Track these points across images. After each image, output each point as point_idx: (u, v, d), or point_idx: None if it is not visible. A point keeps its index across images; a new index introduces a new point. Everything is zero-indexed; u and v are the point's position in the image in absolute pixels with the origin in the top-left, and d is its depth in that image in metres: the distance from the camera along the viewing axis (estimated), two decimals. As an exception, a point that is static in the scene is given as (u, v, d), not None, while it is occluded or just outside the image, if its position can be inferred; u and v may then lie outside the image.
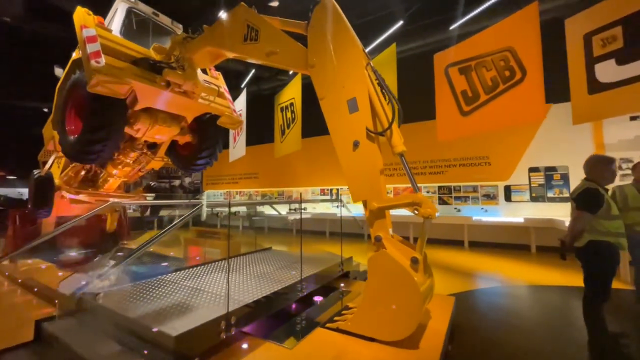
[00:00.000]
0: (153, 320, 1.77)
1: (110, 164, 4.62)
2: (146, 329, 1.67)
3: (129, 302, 2.11)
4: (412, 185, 2.11)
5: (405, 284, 1.82)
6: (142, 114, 3.84)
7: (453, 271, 5.27)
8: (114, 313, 1.90)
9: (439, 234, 8.03)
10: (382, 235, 2.06)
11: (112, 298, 2.23)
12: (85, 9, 3.27)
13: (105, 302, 2.09)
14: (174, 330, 1.64)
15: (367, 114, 2.23)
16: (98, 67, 2.90)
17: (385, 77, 5.52)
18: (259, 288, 2.41)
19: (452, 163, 8.03)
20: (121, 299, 2.20)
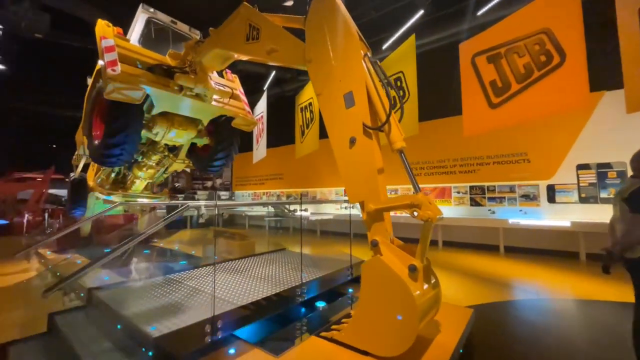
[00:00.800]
0: (144, 320, 1.80)
1: (135, 167, 4.94)
2: (134, 328, 1.70)
3: (128, 299, 2.18)
4: (413, 185, 1.92)
5: (400, 295, 1.65)
6: (160, 118, 4.03)
7: (484, 279, 4.83)
8: (110, 310, 1.98)
9: (471, 238, 7.47)
10: (378, 240, 1.91)
11: (114, 294, 2.33)
12: (105, 21, 3.50)
13: (106, 298, 2.19)
14: (158, 331, 1.64)
15: (363, 108, 2.08)
16: (114, 75, 3.08)
17: (405, 71, 5.26)
18: (256, 291, 2.37)
19: (484, 161, 7.42)
20: (123, 296, 2.29)
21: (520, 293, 4.27)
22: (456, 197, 7.79)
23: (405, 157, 2.01)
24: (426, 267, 1.85)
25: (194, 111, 4.11)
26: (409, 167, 1.97)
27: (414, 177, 1.96)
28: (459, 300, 3.80)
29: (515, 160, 6.99)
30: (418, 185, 1.91)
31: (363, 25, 7.94)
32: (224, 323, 1.86)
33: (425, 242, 1.79)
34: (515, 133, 6.87)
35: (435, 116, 8.19)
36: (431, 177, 8.26)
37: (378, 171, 2.07)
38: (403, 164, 1.99)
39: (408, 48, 5.12)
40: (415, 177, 1.96)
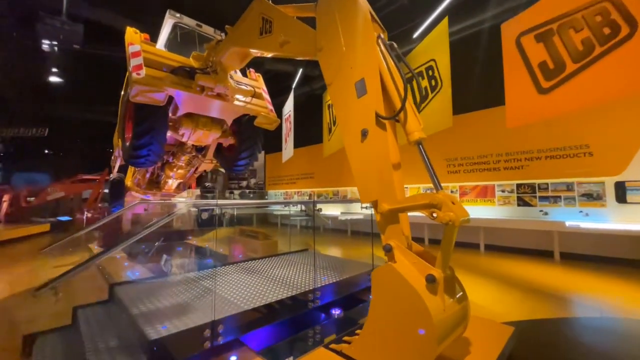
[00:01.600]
0: (147, 319, 1.80)
1: (167, 167, 5.20)
2: (136, 328, 1.70)
3: (142, 297, 2.23)
4: (433, 183, 1.67)
5: (415, 310, 1.42)
6: (185, 119, 4.16)
7: (533, 290, 4.25)
8: (123, 306, 2.02)
9: (518, 242, 6.70)
10: (392, 245, 1.69)
11: (132, 290, 2.40)
12: (133, 29, 3.69)
13: (122, 294, 2.26)
14: (156, 332, 1.62)
15: (376, 96, 1.86)
16: (138, 79, 3.22)
17: (437, 59, 4.84)
18: (266, 294, 2.28)
19: (535, 155, 6.59)
20: (138, 293, 2.34)
21: (578, 309, 3.67)
22: (500, 196, 7.05)
23: (424, 150, 1.76)
24: (449, 277, 1.59)
25: (216, 111, 4.18)
26: (429, 161, 1.72)
27: (434, 173, 1.70)
28: (500, 314, 3.36)
29: (573, 154, 6.11)
30: (440, 183, 1.65)
31: (393, 12, 7.55)
32: (227, 328, 1.79)
33: (448, 249, 1.53)
34: (573, 122, 6.00)
35: (475, 108, 7.50)
36: (471, 174, 7.59)
37: (393, 167, 1.84)
38: (422, 158, 1.74)
39: (440, 33, 4.70)
40: (436, 174, 1.70)
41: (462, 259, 6.31)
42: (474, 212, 7.38)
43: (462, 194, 7.73)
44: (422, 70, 5.06)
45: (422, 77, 5.03)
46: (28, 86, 9.11)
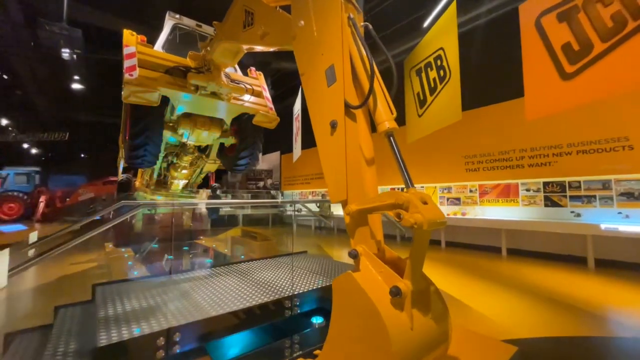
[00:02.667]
0: (108, 324, 1.74)
1: (172, 168, 5.28)
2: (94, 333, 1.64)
3: (117, 298, 2.19)
4: (403, 179, 1.46)
5: (372, 326, 1.22)
6: (184, 120, 4.17)
7: (562, 302, 3.80)
8: (95, 307, 2.00)
9: (545, 246, 6.11)
10: (359, 250, 1.49)
11: (111, 291, 2.38)
12: (129, 31, 3.73)
13: (101, 294, 2.25)
14: (107, 339, 1.54)
15: (345, 83, 1.67)
16: (130, 79, 3.24)
17: (445, 47, 4.49)
18: (241, 299, 2.15)
19: (564, 150, 5.97)
20: (116, 294, 2.32)
21: (614, 327, 3.21)
22: (525, 195, 6.47)
23: (395, 143, 1.54)
24: (422, 290, 1.37)
25: (213, 110, 4.15)
26: (400, 155, 1.50)
27: (406, 168, 1.48)
28: (520, 329, 3.01)
29: (610, 148, 5.45)
30: (411, 180, 1.43)
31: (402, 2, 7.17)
32: (185, 335, 1.68)
33: (418, 256, 1.31)
34: (609, 111, 5.35)
35: (495, 100, 6.97)
36: (492, 172, 7.05)
37: (365, 162, 1.64)
38: (392, 151, 1.53)
39: (448, 19, 4.35)
40: (407, 168, 1.48)
41: (480, 263, 5.86)
42: (495, 212, 6.85)
43: (481, 193, 7.20)
44: (431, 60, 4.72)
45: (431, 68, 4.69)
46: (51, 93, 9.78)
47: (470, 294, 4.04)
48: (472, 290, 4.23)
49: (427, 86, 4.81)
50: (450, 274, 5.14)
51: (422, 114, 5.01)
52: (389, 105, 1.60)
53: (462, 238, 7.45)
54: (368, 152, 1.68)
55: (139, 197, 5.80)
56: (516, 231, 6.31)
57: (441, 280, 4.59)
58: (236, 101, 4.11)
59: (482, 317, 3.30)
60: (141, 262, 4.71)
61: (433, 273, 5.47)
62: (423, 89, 4.96)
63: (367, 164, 1.66)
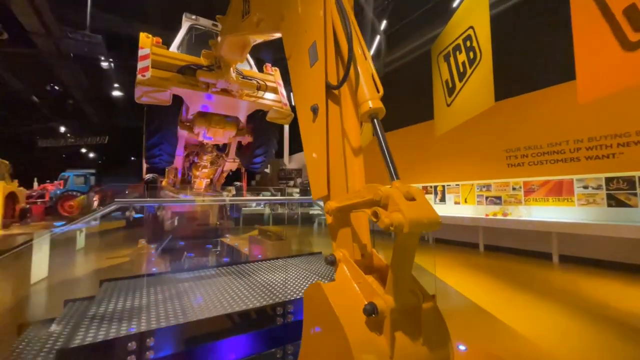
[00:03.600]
0: (90, 324, 1.72)
1: (194, 167, 5.43)
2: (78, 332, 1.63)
3: (116, 296, 2.20)
4: (388, 170, 1.20)
5: (339, 350, 1.00)
6: (199, 119, 4.23)
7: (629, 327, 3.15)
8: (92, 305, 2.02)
9: (609, 253, 5.21)
10: (337, 256, 1.27)
11: (113, 288, 2.41)
12: (145, 33, 3.85)
13: (104, 291, 2.29)
14: (81, 340, 1.50)
15: (327, 62, 1.45)
16: (142, 80, 3.32)
17: (476, 26, 4.00)
18: (231, 303, 2.03)
19: (633, 139, 5.02)
20: (117, 291, 2.34)
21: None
22: (582, 193, 5.59)
23: (380, 127, 1.27)
24: (410, 309, 1.10)
25: (226, 108, 4.14)
26: (385, 143, 1.24)
27: (391, 158, 1.22)
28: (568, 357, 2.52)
29: (696, 135, 4.46)
30: (396, 172, 1.18)
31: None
32: (161, 341, 1.58)
33: (401, 266, 1.05)
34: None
35: (543, 84, 6.13)
36: (539, 167, 6.22)
37: (351, 152, 1.41)
38: (377, 137, 1.27)
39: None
40: (393, 159, 1.22)
41: (525, 272, 5.17)
42: (544, 213, 6.03)
43: (527, 191, 6.39)
44: (460, 42, 4.24)
45: (460, 51, 4.21)
46: (94, 100, 10.74)
47: (510, 310, 3.51)
48: (512, 305, 3.69)
49: (456, 71, 4.34)
50: (488, 283, 4.59)
51: (451, 103, 4.54)
52: (375, 82, 1.34)
53: (504, 241, 6.70)
54: (354, 140, 1.45)
55: (166, 197, 6.07)
56: (571, 235, 5.48)
57: (476, 291, 4.10)
58: (249, 98, 4.06)
59: (523, 340, 2.81)
60: (163, 258, 4.89)
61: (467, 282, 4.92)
62: (452, 76, 4.49)
63: (353, 153, 1.43)
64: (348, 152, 1.42)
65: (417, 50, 8.98)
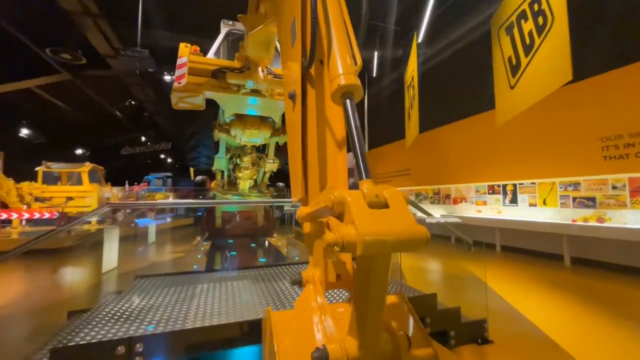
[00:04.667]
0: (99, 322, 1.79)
1: (237, 169, 5.65)
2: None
3: (139, 293, 2.32)
4: (357, 168, 0.91)
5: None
6: (235, 121, 4.34)
7: None
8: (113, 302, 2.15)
9: None
10: (305, 276, 1.02)
11: (143, 285, 2.56)
12: (184, 43, 4.09)
13: (132, 288, 2.45)
14: (82, 339, 1.56)
15: (304, 39, 1.20)
16: (177, 87, 3.52)
17: None
18: (234, 312, 1.93)
19: None
20: (144, 288, 2.47)
21: None
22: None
23: (352, 110, 0.96)
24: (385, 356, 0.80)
25: (259, 108, 4.16)
26: (356, 128, 0.94)
27: (362, 150, 0.92)
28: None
29: None
30: (367, 169, 0.88)
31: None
32: (150, 347, 1.55)
33: (365, 300, 0.76)
34: None
35: None
36: (622, 162, 4.79)
37: (335, 145, 1.14)
38: (346, 120, 0.97)
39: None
40: (364, 152, 0.92)
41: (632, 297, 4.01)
42: None
43: (634, 191, 4.98)
44: (525, 8, 3.45)
45: (525, 19, 3.43)
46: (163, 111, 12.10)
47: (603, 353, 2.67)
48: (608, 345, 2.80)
49: (521, 45, 3.56)
50: (572, 309, 3.62)
51: (516, 84, 3.76)
52: (353, 54, 1.04)
53: (599, 254, 5.37)
54: (338, 131, 1.17)
55: (217, 197, 6.48)
56: None
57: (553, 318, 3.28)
58: (280, 97, 4.00)
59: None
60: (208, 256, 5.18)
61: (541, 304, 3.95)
62: (516, 51, 3.71)
63: (337, 147, 1.16)
64: (330, 145, 1.16)
65: (473, 32, 7.88)
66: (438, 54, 8.88)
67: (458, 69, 8.44)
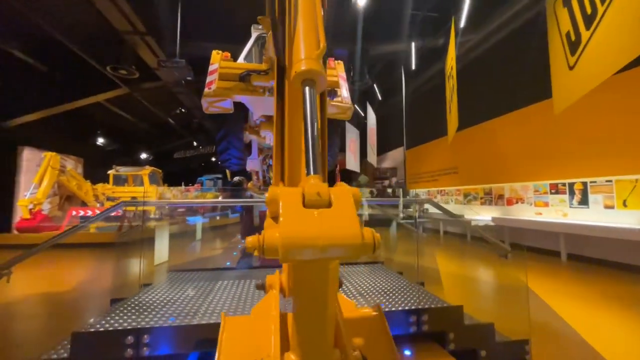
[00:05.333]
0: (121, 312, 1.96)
1: (269, 170, 5.80)
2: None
3: (165, 285, 2.49)
4: (306, 162, 0.81)
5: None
6: (264, 123, 4.46)
7: None
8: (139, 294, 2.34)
9: None
10: (269, 281, 0.96)
11: (172, 278, 2.75)
12: (216, 50, 4.31)
13: (160, 280, 2.63)
14: (90, 324, 1.72)
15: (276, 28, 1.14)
16: (207, 92, 3.73)
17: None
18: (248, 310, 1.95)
19: None
20: (171, 281, 2.65)
21: None
22: None
23: (312, 99, 0.86)
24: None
25: (286, 109, 4.21)
26: (311, 120, 0.83)
27: (313, 142, 0.82)
28: None
29: None
30: (314, 163, 0.78)
31: None
32: (156, 339, 1.63)
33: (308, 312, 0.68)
34: None
35: None
36: None
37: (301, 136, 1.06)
38: (304, 109, 0.87)
39: None
40: (316, 147, 0.81)
41: None
42: None
43: None
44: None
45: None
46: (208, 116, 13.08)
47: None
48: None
49: (581, 16, 3.02)
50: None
51: (575, 64, 3.21)
52: (318, 36, 0.95)
53: None
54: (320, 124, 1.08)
55: (254, 197, 6.75)
56: None
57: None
58: (307, 96, 3.99)
59: None
60: (242, 252, 5.39)
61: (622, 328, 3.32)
62: (575, 24, 3.16)
63: (312, 140, 1.07)
64: (299, 138, 1.08)
65: (523, 10, 6.94)
66: (484, 40, 8.04)
67: (508, 55, 7.54)
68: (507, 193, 8.17)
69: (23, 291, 4.28)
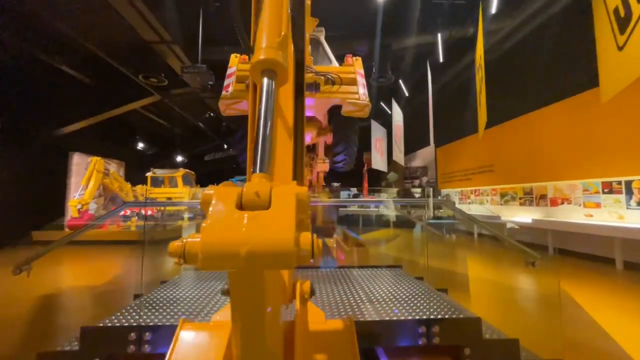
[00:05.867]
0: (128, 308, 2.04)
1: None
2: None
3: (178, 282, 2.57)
4: (253, 159, 0.73)
5: None
6: (280, 122, 4.49)
7: None
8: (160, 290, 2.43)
9: None
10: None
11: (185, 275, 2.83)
12: (235, 54, 4.40)
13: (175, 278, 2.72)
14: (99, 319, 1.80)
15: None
16: (224, 95, 3.81)
17: None
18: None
19: None
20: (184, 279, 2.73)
21: None
22: None
23: (270, 91, 0.79)
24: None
25: (304, 108, 4.18)
26: (267, 114, 0.76)
27: (264, 138, 0.75)
28: None
29: None
30: (262, 159, 0.72)
31: None
32: (158, 337, 1.67)
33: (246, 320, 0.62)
34: None
35: None
36: None
37: (283, 134, 1.01)
38: (260, 101, 0.80)
39: None
40: (267, 144, 0.74)
41: None
42: None
43: None
44: None
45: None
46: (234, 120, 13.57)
47: None
48: None
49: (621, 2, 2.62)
50: None
51: (625, 44, 2.82)
52: (276, 22, 0.88)
53: None
54: (289, 117, 1.03)
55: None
56: None
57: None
58: (323, 94, 3.93)
59: None
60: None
61: None
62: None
63: (287, 136, 1.02)
64: (281, 134, 1.02)
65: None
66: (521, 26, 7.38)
67: (547, 43, 6.84)
68: (550, 193, 7.44)
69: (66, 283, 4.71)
